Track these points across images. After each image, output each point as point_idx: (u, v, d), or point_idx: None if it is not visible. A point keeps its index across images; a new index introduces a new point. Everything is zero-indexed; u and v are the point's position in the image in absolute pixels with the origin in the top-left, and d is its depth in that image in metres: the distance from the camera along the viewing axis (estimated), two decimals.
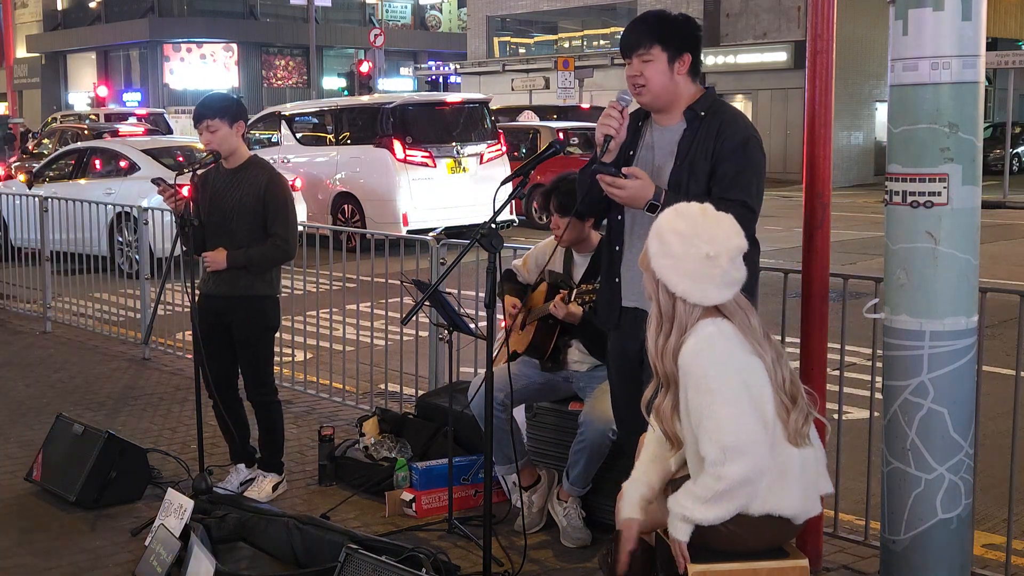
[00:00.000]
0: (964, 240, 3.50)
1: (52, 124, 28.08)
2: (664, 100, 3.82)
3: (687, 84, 3.83)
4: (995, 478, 5.12)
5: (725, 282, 3.12)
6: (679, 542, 3.07)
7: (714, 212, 3.23)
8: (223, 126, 5.05)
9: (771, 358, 3.12)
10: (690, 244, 3.11)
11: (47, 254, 9.48)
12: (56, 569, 4.47)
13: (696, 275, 3.10)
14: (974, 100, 3.46)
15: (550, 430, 4.94)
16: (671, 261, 3.11)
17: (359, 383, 7.04)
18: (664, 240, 3.14)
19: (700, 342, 3.06)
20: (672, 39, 3.78)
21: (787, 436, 3.10)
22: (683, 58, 3.79)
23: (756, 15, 30.36)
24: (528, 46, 40.84)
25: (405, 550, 3.95)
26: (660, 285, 3.14)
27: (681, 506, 3.06)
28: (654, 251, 3.15)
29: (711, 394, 3.01)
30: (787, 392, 3.13)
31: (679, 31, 3.82)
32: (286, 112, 17.00)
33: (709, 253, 3.10)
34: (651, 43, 3.77)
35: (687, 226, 3.14)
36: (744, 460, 2.98)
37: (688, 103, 3.81)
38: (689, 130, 3.78)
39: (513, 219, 15.46)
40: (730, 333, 3.08)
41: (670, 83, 3.79)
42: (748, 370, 3.06)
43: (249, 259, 5.05)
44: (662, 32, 3.79)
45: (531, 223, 17.89)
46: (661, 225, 3.18)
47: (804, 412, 3.15)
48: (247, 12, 49.88)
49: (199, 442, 5.20)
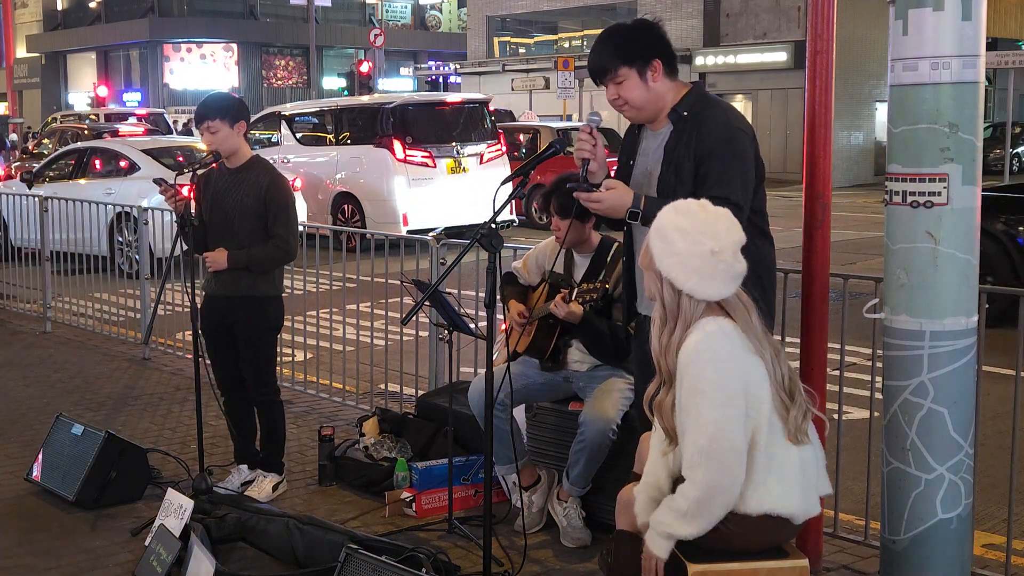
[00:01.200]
0: (964, 240, 3.49)
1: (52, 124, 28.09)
2: (650, 110, 3.82)
3: (667, 87, 3.80)
4: (995, 478, 5.12)
5: (730, 276, 3.13)
6: (657, 558, 3.06)
7: (712, 207, 3.23)
8: (223, 126, 5.05)
9: (770, 355, 3.12)
10: (694, 241, 3.11)
11: (47, 254, 9.48)
12: (56, 569, 4.47)
13: (702, 271, 3.10)
14: (974, 100, 3.46)
15: (550, 430, 4.94)
16: (677, 259, 3.11)
17: (359, 383, 7.05)
18: (668, 238, 3.14)
19: (701, 340, 3.06)
20: (635, 53, 3.75)
21: (787, 434, 3.10)
22: (653, 65, 3.76)
23: (756, 15, 30.35)
24: (528, 46, 40.87)
25: (405, 550, 3.95)
26: (665, 283, 3.14)
27: (660, 523, 3.06)
28: (658, 250, 3.15)
29: (701, 395, 3.01)
30: (786, 389, 3.13)
31: (639, 42, 3.79)
32: (286, 112, 17.00)
33: (713, 249, 3.10)
34: (617, 65, 3.76)
35: (689, 223, 3.14)
36: (716, 467, 2.97)
37: (672, 104, 3.81)
38: (674, 132, 3.77)
39: (513, 219, 15.46)
40: (732, 332, 3.09)
41: (649, 94, 3.78)
42: (748, 370, 3.06)
43: (250, 259, 5.05)
44: (624, 51, 3.76)
45: (531, 223, 17.90)
46: (663, 224, 3.18)
47: (803, 409, 3.15)
48: (247, 12, 49.91)
49: (199, 442, 5.21)
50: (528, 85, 34.89)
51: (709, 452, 2.98)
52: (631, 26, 3.88)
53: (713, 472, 2.98)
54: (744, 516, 3.06)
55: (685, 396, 3.05)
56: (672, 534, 3.04)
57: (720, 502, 3.00)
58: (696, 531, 3.02)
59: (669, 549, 3.06)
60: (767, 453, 3.06)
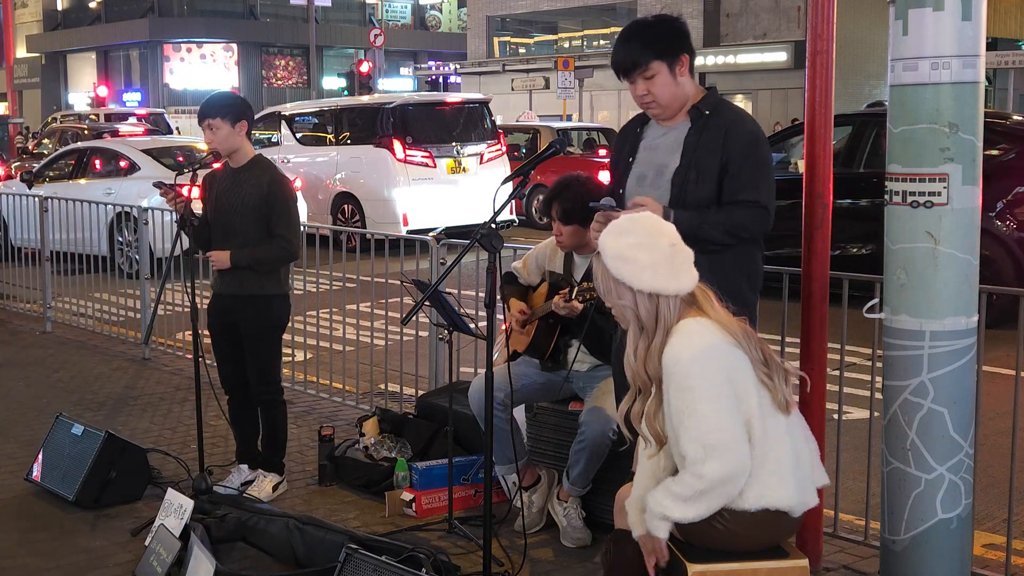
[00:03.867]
0: (964, 240, 3.50)
1: (52, 124, 28.09)
2: (675, 107, 3.85)
3: (689, 84, 3.85)
4: (995, 478, 5.12)
5: (689, 261, 3.19)
6: (658, 539, 3.08)
7: (636, 215, 3.31)
8: (224, 125, 5.06)
9: (742, 336, 3.13)
10: (652, 247, 3.16)
11: (47, 254, 9.48)
12: (56, 569, 4.47)
13: (670, 269, 3.15)
14: (974, 100, 3.46)
15: (550, 430, 4.94)
16: (649, 271, 3.14)
17: (359, 383, 7.05)
18: (630, 259, 3.15)
19: (684, 340, 3.09)
20: (668, 48, 3.78)
21: (777, 404, 3.12)
22: (681, 60, 3.80)
23: (756, 15, 30.37)
24: (528, 46, 40.86)
25: (405, 550, 3.95)
26: (639, 298, 3.15)
27: (660, 504, 3.06)
28: (628, 274, 3.15)
29: (692, 391, 3.02)
30: (763, 362, 3.15)
31: (669, 36, 3.82)
32: (286, 112, 17.00)
33: (670, 243, 3.18)
34: (649, 59, 3.77)
35: (636, 237, 3.18)
36: (725, 458, 2.99)
37: (693, 102, 3.82)
38: (694, 128, 3.78)
39: (513, 219, 15.45)
40: (711, 328, 3.12)
41: (677, 89, 3.82)
42: (731, 363, 3.08)
43: (253, 258, 5.06)
44: (656, 45, 3.78)
45: (531, 223, 17.90)
46: (615, 251, 3.17)
47: (782, 372, 3.17)
48: (247, 12, 49.91)
49: (199, 442, 5.21)
50: (528, 85, 34.91)
51: (713, 444, 2.98)
52: (660, 21, 3.91)
53: (721, 463, 2.98)
54: (742, 512, 3.06)
55: (675, 397, 3.06)
56: (668, 516, 3.05)
57: (726, 491, 3.02)
58: (693, 516, 3.03)
59: (668, 530, 3.07)
60: (761, 448, 3.07)
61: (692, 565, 3.07)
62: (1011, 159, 9.29)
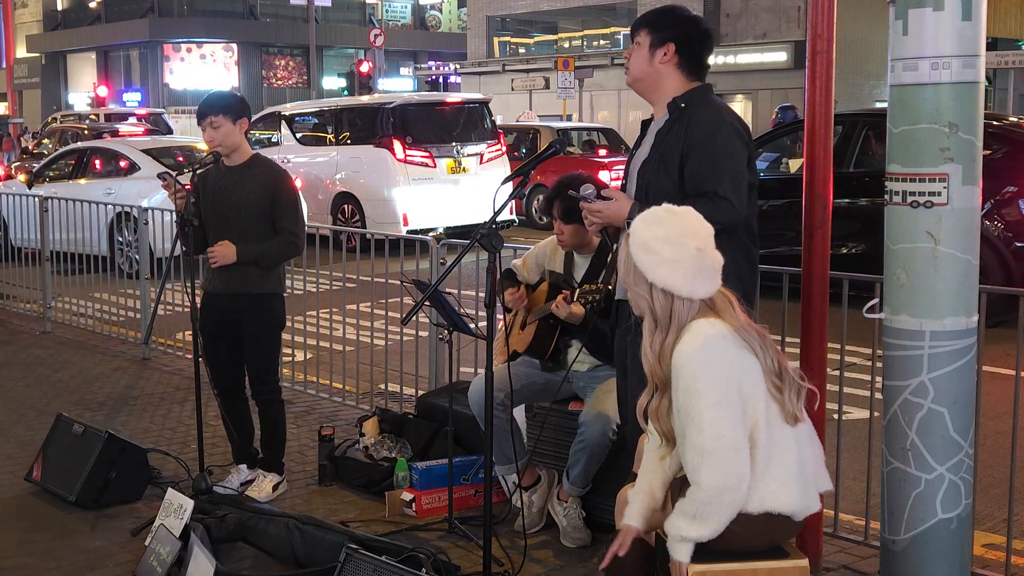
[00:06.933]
0: (964, 240, 3.50)
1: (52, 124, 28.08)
2: (642, 86, 3.90)
3: (672, 76, 3.84)
4: (995, 478, 5.12)
5: (715, 270, 3.17)
6: (680, 563, 3.06)
7: (678, 208, 3.27)
8: (226, 122, 5.06)
9: (758, 344, 3.12)
10: (678, 244, 3.13)
11: (47, 254, 9.48)
12: (56, 569, 4.47)
13: (690, 271, 3.12)
14: (974, 100, 3.46)
15: (550, 430, 4.94)
16: (669, 267, 3.12)
17: (359, 383, 7.05)
18: (652, 250, 3.14)
19: (694, 340, 3.07)
20: (659, 26, 3.85)
21: (784, 416, 3.11)
22: (666, 47, 3.82)
23: (756, 15, 30.34)
24: (528, 46, 40.83)
25: (405, 550, 3.95)
26: (655, 292, 3.14)
27: (675, 527, 3.06)
28: (647, 264, 3.14)
29: (697, 396, 3.01)
30: (776, 372, 3.14)
31: (667, 19, 3.88)
32: (286, 112, 16.99)
33: (699, 247, 3.14)
34: (640, 27, 3.89)
35: (666, 230, 3.16)
36: (719, 467, 2.97)
37: (674, 96, 3.83)
38: (668, 122, 3.81)
39: (513, 219, 15.46)
40: (723, 331, 3.10)
41: (649, 69, 3.85)
42: (741, 368, 3.07)
43: (261, 254, 5.05)
44: (653, 19, 3.89)
45: (531, 223, 17.89)
46: (642, 238, 3.17)
47: (795, 387, 3.16)
48: (247, 12, 49.90)
49: (199, 442, 5.20)
50: (528, 85, 34.87)
51: (709, 451, 2.98)
52: (671, 7, 4.00)
53: (715, 471, 2.98)
54: (745, 515, 3.06)
55: (681, 398, 3.06)
56: (685, 537, 3.04)
57: (728, 500, 3.00)
58: (708, 532, 3.01)
59: (689, 552, 3.05)
60: (766, 452, 3.06)
61: (692, 565, 3.07)
62: (999, 159, 9.29)
